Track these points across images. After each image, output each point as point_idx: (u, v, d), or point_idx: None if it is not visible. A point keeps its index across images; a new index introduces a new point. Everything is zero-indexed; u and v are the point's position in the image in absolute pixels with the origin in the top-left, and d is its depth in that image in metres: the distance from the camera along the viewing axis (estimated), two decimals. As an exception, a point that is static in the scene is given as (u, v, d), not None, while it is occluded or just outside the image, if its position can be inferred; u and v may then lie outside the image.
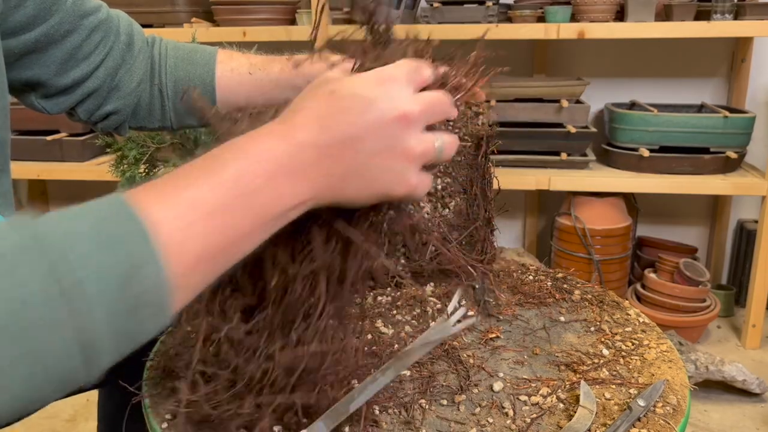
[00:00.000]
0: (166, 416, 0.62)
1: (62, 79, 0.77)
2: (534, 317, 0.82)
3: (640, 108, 2.03)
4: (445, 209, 0.91)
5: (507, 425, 0.60)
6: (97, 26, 0.78)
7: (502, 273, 0.95)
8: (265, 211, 0.43)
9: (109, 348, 0.37)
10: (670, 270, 1.99)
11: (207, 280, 0.42)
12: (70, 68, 0.76)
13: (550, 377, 0.68)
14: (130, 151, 1.15)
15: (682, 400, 0.64)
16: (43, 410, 0.82)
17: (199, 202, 0.40)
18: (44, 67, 0.75)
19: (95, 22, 0.77)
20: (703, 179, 1.91)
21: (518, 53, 2.26)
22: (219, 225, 0.40)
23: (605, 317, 0.81)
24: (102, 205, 0.38)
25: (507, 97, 2.00)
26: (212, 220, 0.40)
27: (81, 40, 0.76)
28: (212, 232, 0.40)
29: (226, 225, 0.41)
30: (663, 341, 0.76)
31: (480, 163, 0.91)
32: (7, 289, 0.33)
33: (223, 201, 0.41)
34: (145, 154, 1.14)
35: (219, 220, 0.40)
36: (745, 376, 1.68)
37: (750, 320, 1.94)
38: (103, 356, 0.37)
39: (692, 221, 2.34)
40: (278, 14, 2.07)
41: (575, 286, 0.90)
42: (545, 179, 1.92)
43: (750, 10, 1.81)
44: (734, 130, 1.91)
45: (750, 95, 2.16)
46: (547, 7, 1.95)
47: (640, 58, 2.22)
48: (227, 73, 0.83)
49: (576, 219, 2.01)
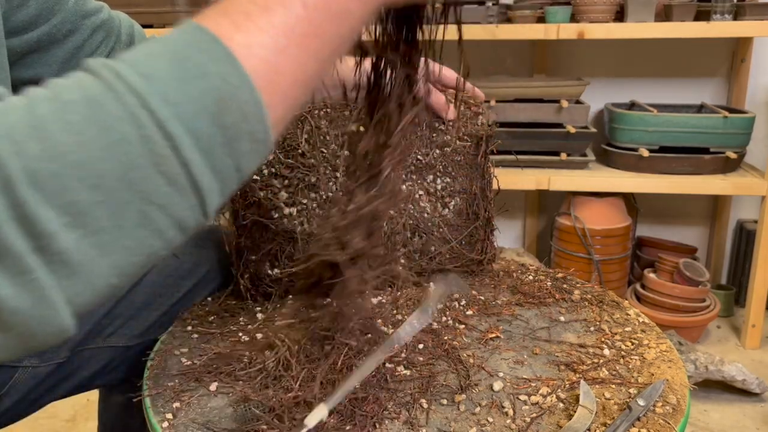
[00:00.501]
0: (167, 416, 0.62)
1: None
2: (534, 317, 0.82)
3: (639, 108, 2.03)
4: (445, 209, 0.91)
5: (507, 425, 0.60)
6: (99, 26, 0.78)
7: (502, 273, 0.95)
8: (349, 28, 0.42)
9: (214, 185, 0.36)
10: (669, 270, 1.99)
11: (298, 106, 0.41)
12: (72, 68, 0.76)
13: (550, 377, 0.68)
14: None
15: (682, 400, 0.64)
16: (43, 410, 0.83)
17: (288, 26, 0.38)
18: (46, 67, 0.76)
19: (97, 22, 0.78)
20: (703, 179, 1.91)
21: (518, 53, 2.26)
22: (313, 48, 0.39)
23: (605, 317, 0.82)
24: (181, 35, 0.38)
25: (507, 97, 2.00)
26: (305, 43, 0.39)
27: (83, 40, 0.76)
28: (306, 56, 0.39)
29: (317, 48, 0.40)
30: (663, 341, 0.76)
31: (480, 162, 0.91)
32: (106, 133, 0.33)
33: (315, 24, 0.39)
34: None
35: (312, 43, 0.39)
36: (744, 376, 1.68)
37: (750, 320, 1.94)
38: (212, 195, 0.36)
39: (692, 221, 2.34)
40: (278, 14, 2.07)
41: (575, 286, 0.90)
42: (545, 179, 1.92)
43: (750, 11, 1.81)
44: (734, 131, 1.91)
45: (750, 95, 2.16)
46: (546, 7, 1.95)
47: (639, 59, 2.22)
48: None
49: (576, 219, 2.01)
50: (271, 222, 0.83)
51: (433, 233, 0.90)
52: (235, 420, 0.62)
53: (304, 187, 0.84)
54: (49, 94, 0.35)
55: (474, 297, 0.87)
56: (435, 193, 0.90)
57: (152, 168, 0.34)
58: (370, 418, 0.60)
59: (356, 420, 0.60)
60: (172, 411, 0.63)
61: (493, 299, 0.86)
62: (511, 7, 2.03)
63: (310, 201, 0.85)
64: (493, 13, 1.96)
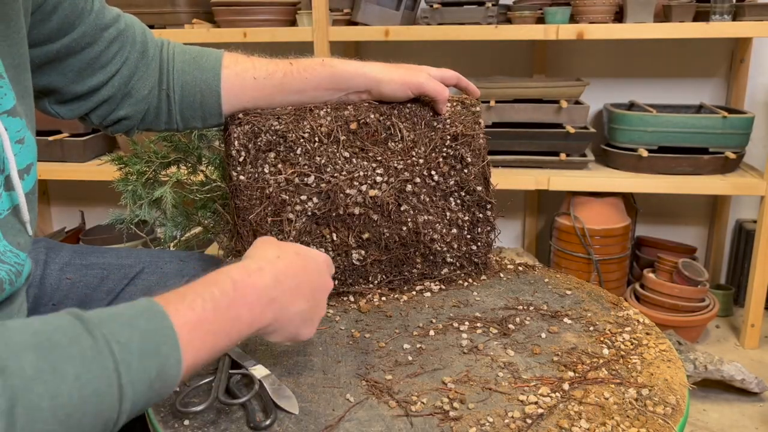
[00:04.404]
0: (175, 426, 0.63)
1: (78, 87, 0.77)
2: (534, 317, 0.82)
3: (639, 108, 2.04)
4: (446, 208, 0.91)
5: (507, 425, 0.61)
6: (116, 37, 0.78)
7: (502, 273, 0.95)
8: (238, 329, 0.57)
9: (131, 408, 0.48)
10: (669, 270, 2.00)
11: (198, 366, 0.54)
12: (87, 77, 0.77)
13: (550, 377, 0.68)
14: (134, 166, 1.16)
15: (681, 400, 0.65)
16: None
17: (201, 322, 0.53)
18: (61, 75, 0.76)
19: (114, 33, 0.78)
20: (702, 179, 1.91)
21: (518, 54, 2.27)
22: (210, 338, 0.54)
23: (605, 317, 0.82)
24: (144, 319, 0.50)
25: (506, 97, 2.01)
26: (207, 335, 0.54)
27: (100, 51, 0.77)
28: (206, 341, 0.54)
29: (215, 337, 0.54)
30: (662, 341, 0.76)
31: (477, 160, 0.91)
32: (77, 374, 0.44)
33: (214, 324, 0.55)
34: (149, 168, 1.16)
35: (211, 335, 0.54)
36: (743, 376, 1.69)
37: (749, 320, 1.95)
38: (125, 409, 0.47)
39: (691, 221, 2.35)
40: (278, 15, 2.07)
41: (575, 286, 0.91)
42: (545, 179, 1.93)
43: (749, 11, 1.81)
44: (733, 131, 1.92)
45: (749, 95, 2.16)
46: (546, 8, 1.95)
47: (639, 59, 2.22)
48: (232, 78, 0.84)
49: (575, 219, 2.01)
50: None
51: (433, 234, 0.90)
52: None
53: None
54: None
55: (474, 297, 0.88)
56: (434, 188, 0.90)
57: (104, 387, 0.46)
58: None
59: None
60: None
61: (492, 299, 0.87)
62: (511, 8, 2.04)
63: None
64: (493, 14, 1.97)
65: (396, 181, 0.86)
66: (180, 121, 0.86)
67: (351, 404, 0.64)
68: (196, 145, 1.15)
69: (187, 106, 0.85)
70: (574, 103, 2.02)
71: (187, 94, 0.84)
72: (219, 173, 1.15)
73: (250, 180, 0.84)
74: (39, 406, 0.42)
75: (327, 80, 0.86)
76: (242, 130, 0.84)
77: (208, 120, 0.87)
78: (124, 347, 0.47)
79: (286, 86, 0.85)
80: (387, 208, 0.86)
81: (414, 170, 0.87)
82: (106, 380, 0.45)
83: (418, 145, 0.88)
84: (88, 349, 0.45)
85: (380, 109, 0.88)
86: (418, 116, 0.89)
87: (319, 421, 0.62)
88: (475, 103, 0.93)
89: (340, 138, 0.85)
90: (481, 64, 2.27)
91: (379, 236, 0.87)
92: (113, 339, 0.47)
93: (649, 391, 0.66)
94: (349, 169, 0.85)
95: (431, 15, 1.99)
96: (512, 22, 2.00)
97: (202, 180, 1.17)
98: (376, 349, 0.75)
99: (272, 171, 0.84)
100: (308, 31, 1.98)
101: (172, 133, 1.15)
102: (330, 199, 0.84)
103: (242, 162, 0.84)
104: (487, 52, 2.25)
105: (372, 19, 1.99)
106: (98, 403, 0.45)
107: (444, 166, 0.89)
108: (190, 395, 0.65)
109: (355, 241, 0.87)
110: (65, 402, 0.43)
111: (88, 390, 0.44)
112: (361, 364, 0.72)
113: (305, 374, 0.70)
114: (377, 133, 0.87)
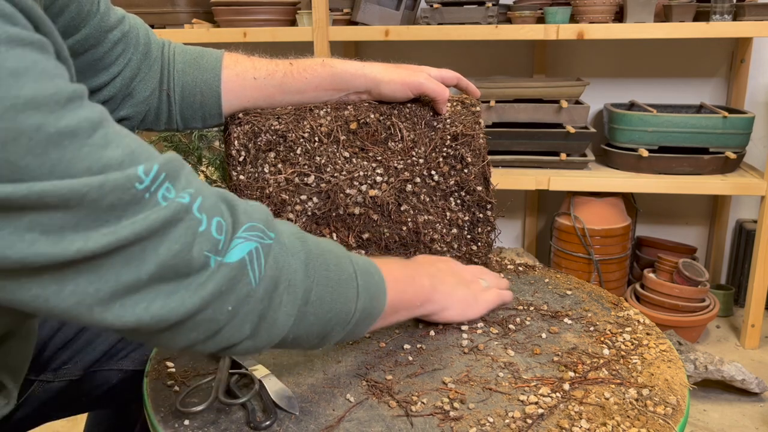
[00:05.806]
0: (176, 426, 0.63)
1: None
2: (534, 317, 0.82)
3: (639, 108, 2.04)
4: (446, 208, 0.91)
5: (507, 425, 0.61)
6: (120, 39, 0.77)
7: (502, 272, 0.95)
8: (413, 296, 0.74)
9: (361, 311, 0.63)
10: (669, 270, 2.00)
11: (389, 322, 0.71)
12: (89, 77, 0.77)
13: (550, 377, 0.68)
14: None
15: (682, 400, 0.65)
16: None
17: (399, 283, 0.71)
18: None
19: (119, 35, 0.77)
20: (702, 179, 1.91)
21: (518, 54, 2.27)
22: (401, 293, 0.71)
23: (605, 317, 0.82)
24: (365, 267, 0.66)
25: (507, 97, 2.01)
26: (400, 292, 0.71)
27: (103, 53, 0.76)
28: (397, 296, 0.69)
29: (402, 295, 0.71)
30: (662, 341, 0.76)
31: (477, 160, 0.91)
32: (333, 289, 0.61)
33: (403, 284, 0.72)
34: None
35: (401, 292, 0.71)
36: (744, 376, 1.69)
37: (749, 320, 1.95)
38: (359, 308, 0.63)
39: (691, 221, 2.35)
40: (278, 15, 2.08)
41: (575, 286, 0.91)
42: (545, 179, 1.93)
43: (749, 11, 1.81)
44: (733, 131, 1.92)
45: (749, 95, 2.16)
46: (546, 7, 1.95)
47: (639, 59, 2.22)
48: (233, 78, 0.84)
49: (575, 219, 2.01)
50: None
51: (433, 233, 0.90)
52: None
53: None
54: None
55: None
56: (434, 187, 0.90)
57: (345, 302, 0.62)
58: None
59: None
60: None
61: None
62: (511, 8, 2.04)
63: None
64: (493, 14, 1.97)
65: (396, 181, 0.86)
66: (180, 122, 0.86)
67: (351, 404, 0.64)
68: (196, 145, 1.15)
69: (188, 106, 0.85)
70: (574, 103, 2.02)
71: (188, 94, 0.84)
72: (219, 173, 1.15)
73: (250, 180, 0.84)
74: (322, 267, 0.59)
75: (327, 80, 0.86)
76: (242, 130, 0.84)
77: (208, 120, 0.87)
78: (358, 263, 0.64)
79: (287, 86, 0.85)
80: (387, 208, 0.86)
81: (414, 170, 0.87)
82: (349, 276, 0.62)
83: (418, 145, 0.88)
84: (340, 253, 0.63)
85: (380, 109, 0.88)
86: (418, 116, 0.89)
87: (319, 421, 0.62)
88: (475, 103, 0.93)
89: (340, 138, 0.85)
90: (481, 64, 2.27)
91: (379, 236, 0.87)
92: (350, 256, 0.64)
93: (650, 392, 0.66)
94: (349, 169, 0.85)
95: (431, 15, 1.99)
96: (512, 22, 2.00)
97: (203, 180, 1.17)
98: (376, 349, 0.75)
99: (272, 171, 0.84)
100: (308, 31, 1.98)
101: (172, 134, 1.15)
102: (330, 199, 0.84)
103: (242, 162, 0.84)
104: (487, 52, 2.25)
105: (372, 18, 1.99)
106: (346, 291, 0.61)
107: (444, 166, 0.89)
108: (190, 395, 0.65)
109: (355, 241, 0.87)
110: (332, 276, 0.60)
111: (343, 276, 0.61)
112: (361, 364, 0.72)
113: (305, 374, 0.70)
114: (377, 133, 0.87)
